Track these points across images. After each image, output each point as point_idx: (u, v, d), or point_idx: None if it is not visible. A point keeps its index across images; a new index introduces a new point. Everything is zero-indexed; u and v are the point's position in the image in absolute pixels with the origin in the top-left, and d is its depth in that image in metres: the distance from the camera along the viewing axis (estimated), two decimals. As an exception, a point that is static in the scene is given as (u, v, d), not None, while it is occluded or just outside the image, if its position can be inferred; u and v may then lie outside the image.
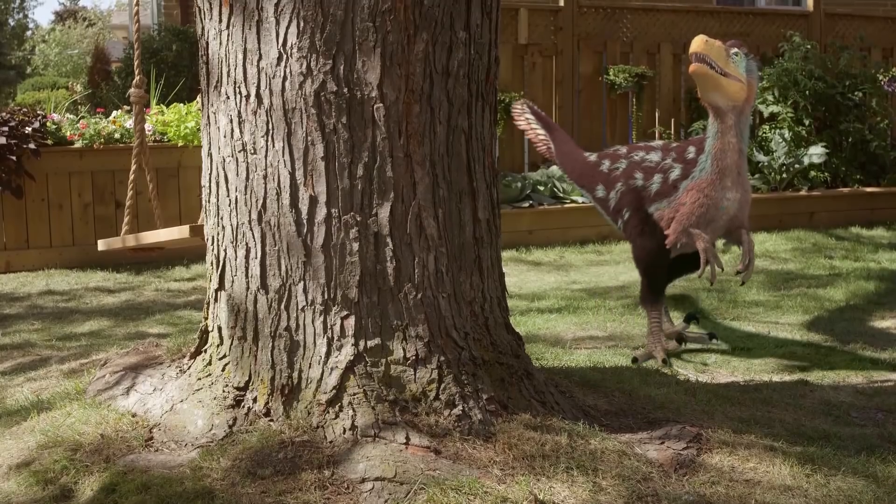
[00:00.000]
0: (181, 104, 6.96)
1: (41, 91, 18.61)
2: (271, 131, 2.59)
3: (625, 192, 4.03)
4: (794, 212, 7.73)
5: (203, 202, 2.89)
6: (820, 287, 5.48)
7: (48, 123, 6.53)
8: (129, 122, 6.51)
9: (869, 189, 8.14)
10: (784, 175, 7.87)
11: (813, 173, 7.98)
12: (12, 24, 42.73)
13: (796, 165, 7.85)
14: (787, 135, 8.02)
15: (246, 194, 2.66)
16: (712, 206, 3.74)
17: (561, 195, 7.32)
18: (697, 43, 3.67)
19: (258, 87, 2.60)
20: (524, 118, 4.63)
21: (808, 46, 8.44)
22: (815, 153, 7.85)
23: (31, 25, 46.93)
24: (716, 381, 3.65)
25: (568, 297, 5.30)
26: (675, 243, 3.80)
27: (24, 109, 6.90)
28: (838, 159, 8.23)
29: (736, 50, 3.74)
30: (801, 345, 4.23)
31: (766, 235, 7.21)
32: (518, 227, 6.93)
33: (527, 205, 7.11)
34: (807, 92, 8.17)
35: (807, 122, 8.20)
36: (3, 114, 6.43)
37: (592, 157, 4.29)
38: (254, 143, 2.62)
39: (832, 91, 8.32)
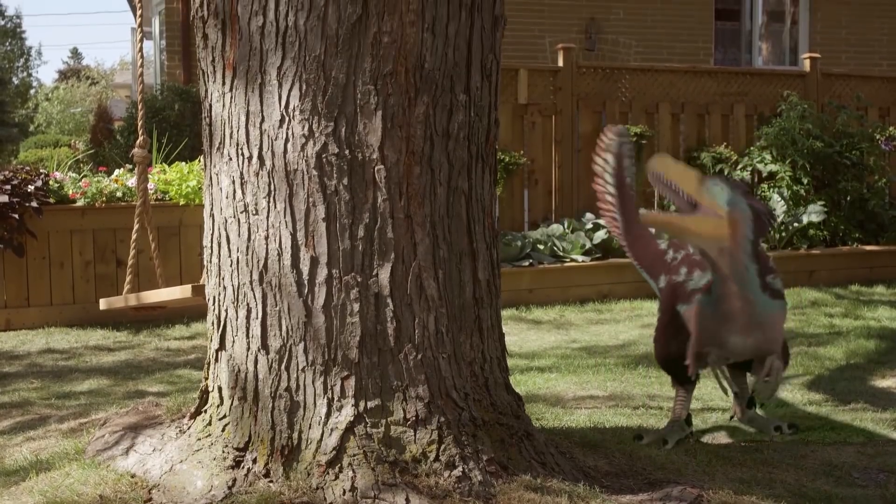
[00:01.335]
0: (183, 163, 7.00)
1: (44, 149, 18.72)
2: (273, 192, 2.61)
3: (666, 285, 3.56)
4: (794, 270, 7.74)
5: (204, 262, 2.91)
6: (820, 345, 5.48)
7: (51, 182, 6.56)
8: (132, 181, 6.55)
9: (868, 247, 8.16)
10: (783, 233, 7.89)
11: (812, 232, 8.01)
12: (16, 82, 43.09)
13: (795, 224, 7.88)
14: (785, 193, 8.07)
15: (247, 255, 2.67)
16: (716, 339, 3.35)
17: (561, 254, 7.34)
18: (655, 162, 3.18)
19: (260, 148, 2.62)
20: (606, 190, 3.89)
21: (806, 106, 8.51)
22: (814, 212, 7.89)
23: (34, 84, 47.36)
24: (716, 441, 3.63)
25: (568, 356, 5.29)
26: (694, 371, 3.43)
27: (27, 168, 6.94)
28: (837, 218, 8.26)
29: (718, 183, 3.12)
30: (802, 404, 4.22)
31: (766, 294, 7.21)
32: (518, 286, 6.94)
33: (527, 263, 7.12)
34: (805, 151, 8.22)
35: (805, 181, 8.25)
36: (7, 172, 6.47)
37: (663, 244, 3.74)
38: (255, 205, 2.64)
39: (830, 150, 8.38)
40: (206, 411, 2.86)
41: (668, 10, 13.37)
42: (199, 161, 6.79)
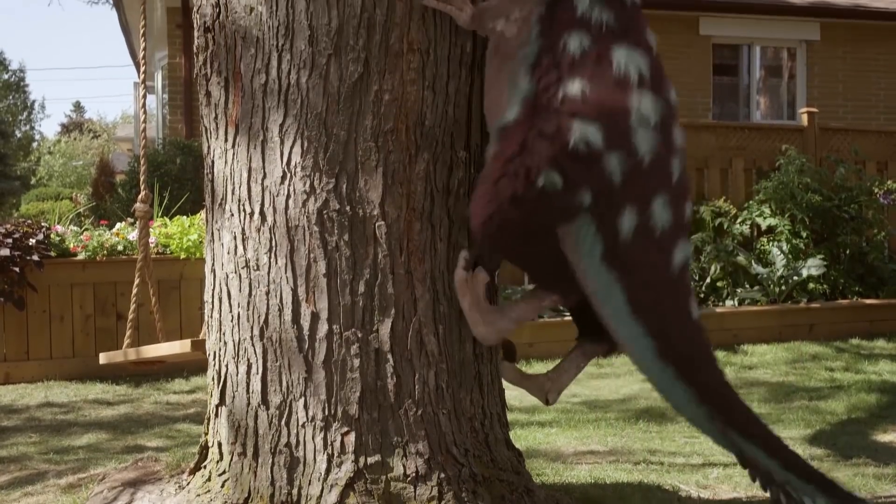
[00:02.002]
0: (184, 217, 7.03)
1: (45, 202, 18.80)
2: (274, 248, 2.62)
3: None
4: (794, 324, 7.74)
5: (205, 317, 2.92)
6: (821, 400, 5.46)
7: (52, 235, 6.59)
8: (132, 234, 6.57)
9: (868, 301, 8.16)
10: (783, 287, 7.90)
11: (812, 285, 8.02)
12: (19, 135, 43.33)
13: (795, 277, 7.89)
14: (785, 247, 8.09)
15: (248, 310, 2.68)
16: None
17: (561, 308, 7.33)
18: None
19: (262, 204, 2.64)
20: None
21: (804, 160, 8.56)
22: (814, 265, 7.90)
23: (37, 137, 47.64)
24: (718, 497, 3.61)
25: (568, 411, 5.28)
26: None
27: (29, 221, 6.98)
28: (836, 271, 8.28)
29: None
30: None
31: (766, 347, 7.21)
32: (519, 340, 6.88)
33: (527, 317, 7.10)
34: (804, 205, 8.26)
35: (804, 235, 8.27)
36: (9, 226, 6.49)
37: None
38: (257, 260, 2.65)
39: (829, 204, 8.41)
40: (205, 467, 2.86)
41: (667, 66, 13.40)
42: (201, 215, 6.82)
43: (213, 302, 2.83)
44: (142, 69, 3.91)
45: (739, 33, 14.05)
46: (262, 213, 2.64)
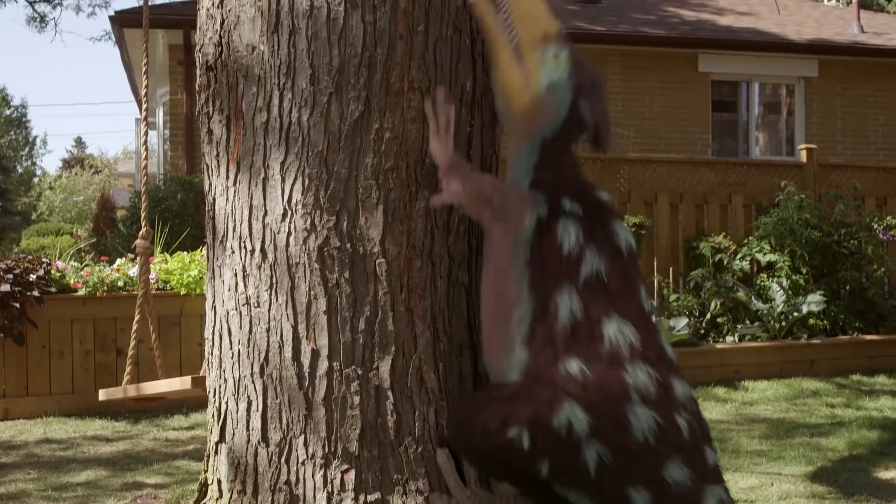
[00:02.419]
0: (185, 253, 7.04)
1: (45, 237, 18.83)
2: (275, 285, 2.63)
3: None
4: (795, 360, 7.73)
5: (206, 354, 2.92)
6: (822, 436, 5.45)
7: (52, 271, 6.59)
8: (133, 270, 6.57)
9: (868, 337, 8.16)
10: (783, 323, 7.90)
11: (812, 321, 8.01)
12: (20, 171, 43.46)
13: (795, 314, 7.89)
14: (784, 283, 8.09)
15: (248, 347, 2.68)
16: None
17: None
18: None
19: (263, 242, 2.65)
20: None
21: (803, 196, 8.58)
22: (814, 301, 7.90)
23: (38, 172, 47.77)
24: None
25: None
26: None
27: (30, 257, 6.98)
28: (837, 307, 8.28)
29: (560, 54, 2.49)
30: (805, 496, 4.18)
31: (767, 384, 7.20)
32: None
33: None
34: (803, 241, 8.27)
35: (804, 271, 8.28)
36: (9, 261, 6.50)
37: None
38: (257, 297, 2.66)
39: (828, 240, 8.43)
40: (204, 504, 2.85)
41: (665, 103, 13.56)
42: (201, 251, 6.83)
43: (213, 339, 2.84)
44: (143, 107, 3.94)
45: (738, 70, 14.14)
46: (262, 250, 2.65)
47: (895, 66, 14.42)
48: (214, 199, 2.82)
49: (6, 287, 6.12)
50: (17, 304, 6.16)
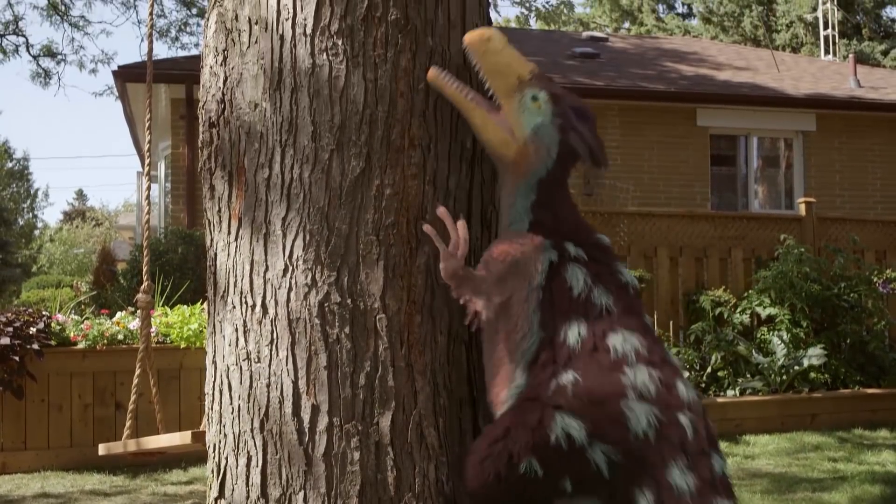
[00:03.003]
0: (185, 306, 7.05)
1: (45, 289, 18.84)
2: (276, 340, 2.63)
3: None
4: (796, 413, 7.72)
5: (206, 409, 2.91)
6: (824, 491, 5.42)
7: (52, 324, 6.60)
8: (133, 324, 6.58)
9: (870, 391, 8.15)
10: (784, 377, 7.88)
11: (813, 375, 8.00)
12: (21, 223, 43.56)
13: (796, 367, 7.88)
14: (785, 337, 8.09)
15: (249, 402, 2.68)
16: None
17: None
18: (477, 35, 2.55)
19: (264, 297, 2.66)
20: None
21: (803, 250, 8.61)
22: (814, 355, 7.90)
23: (39, 224, 47.87)
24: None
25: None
26: None
27: (30, 310, 6.99)
28: (837, 361, 8.27)
29: (539, 96, 2.51)
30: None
31: (769, 438, 7.17)
32: None
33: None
34: (803, 294, 8.29)
35: (804, 324, 8.28)
36: (10, 314, 6.51)
37: None
38: (258, 352, 2.66)
39: (828, 293, 8.44)
40: (203, 561, 2.83)
41: (664, 156, 13.63)
42: (201, 304, 6.84)
43: (213, 394, 2.84)
44: (147, 162, 3.97)
45: (736, 124, 14.23)
46: (263, 305, 2.66)
47: (892, 120, 14.51)
48: (216, 255, 2.84)
49: (6, 340, 6.12)
50: (17, 358, 6.16)
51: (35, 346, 6.22)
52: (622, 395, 2.29)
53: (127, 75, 12.70)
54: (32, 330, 6.34)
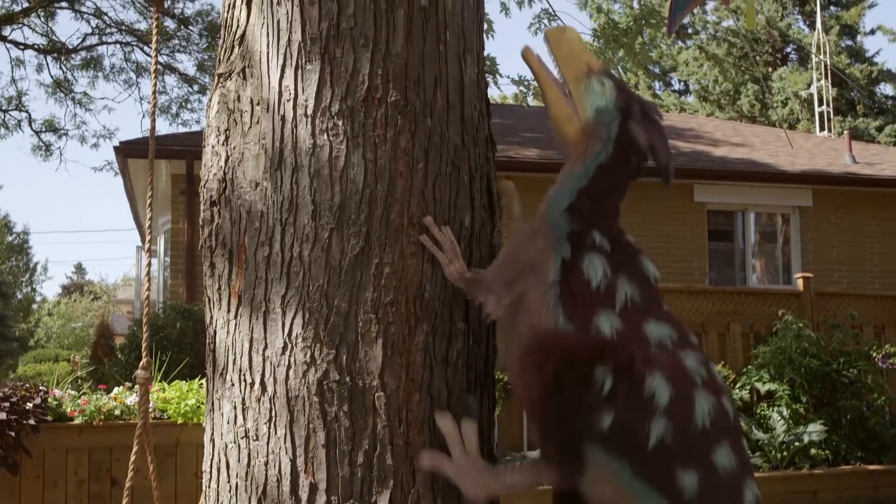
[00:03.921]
0: (183, 382, 7.03)
1: (43, 363, 18.77)
2: (274, 418, 2.63)
3: None
4: (797, 490, 7.66)
5: (203, 487, 2.90)
6: (827, 571, 5.36)
7: (49, 399, 6.57)
8: (130, 399, 6.56)
9: (871, 467, 8.10)
10: (785, 453, 7.84)
11: (813, 451, 7.96)
12: (20, 297, 43.53)
13: (796, 443, 7.84)
14: (785, 412, 8.07)
15: (246, 480, 2.67)
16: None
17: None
18: (555, 33, 2.66)
19: (263, 375, 2.66)
20: None
21: (801, 325, 8.62)
22: (815, 431, 7.87)
23: (37, 298, 47.83)
24: None
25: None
26: None
27: (27, 385, 6.97)
28: (838, 437, 8.23)
29: (605, 81, 2.59)
30: None
31: (770, 515, 7.10)
32: (518, 507, 6.82)
33: (526, 483, 7.02)
34: (802, 370, 8.28)
35: (804, 400, 8.26)
36: (6, 389, 6.49)
37: None
38: (256, 430, 2.66)
39: (827, 368, 8.43)
40: None
41: (662, 231, 13.70)
42: (199, 380, 6.82)
43: (211, 472, 2.83)
44: (147, 239, 3.99)
45: (733, 200, 14.33)
46: (262, 383, 2.66)
47: (888, 196, 14.61)
48: (215, 332, 2.85)
49: (2, 415, 6.10)
50: (13, 433, 6.13)
51: (31, 422, 6.18)
52: (695, 382, 2.26)
53: (128, 151, 12.80)
54: (29, 405, 6.31)
